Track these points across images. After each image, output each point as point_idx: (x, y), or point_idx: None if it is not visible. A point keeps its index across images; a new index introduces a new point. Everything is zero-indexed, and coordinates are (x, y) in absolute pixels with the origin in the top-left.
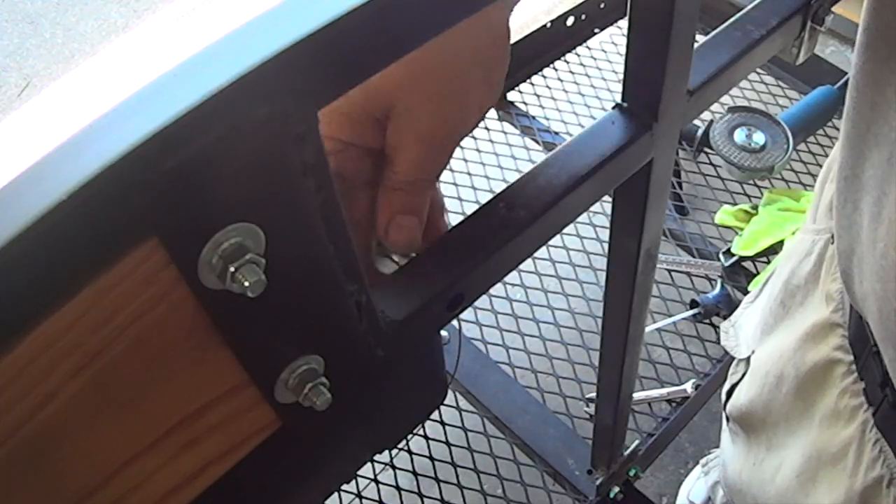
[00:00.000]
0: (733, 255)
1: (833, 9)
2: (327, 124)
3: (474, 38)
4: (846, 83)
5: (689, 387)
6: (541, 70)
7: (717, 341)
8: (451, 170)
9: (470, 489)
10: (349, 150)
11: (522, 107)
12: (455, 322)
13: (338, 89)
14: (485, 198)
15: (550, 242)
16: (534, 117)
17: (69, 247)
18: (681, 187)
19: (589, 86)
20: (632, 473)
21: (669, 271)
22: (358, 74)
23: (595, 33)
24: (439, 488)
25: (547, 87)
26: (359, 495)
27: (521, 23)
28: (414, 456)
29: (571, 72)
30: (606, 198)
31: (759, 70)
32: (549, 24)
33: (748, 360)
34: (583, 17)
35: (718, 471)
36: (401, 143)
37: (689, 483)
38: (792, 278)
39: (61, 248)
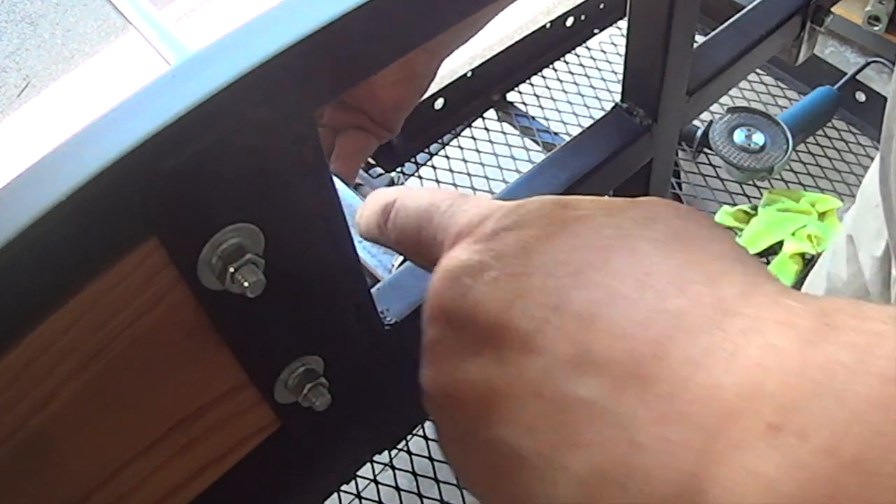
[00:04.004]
0: None
1: (833, 9)
2: None
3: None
4: (845, 84)
5: None
6: (540, 70)
7: None
8: (450, 170)
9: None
10: (324, 131)
11: (522, 107)
12: None
13: (337, 89)
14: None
15: None
16: (533, 118)
17: (69, 247)
18: (680, 188)
19: (589, 86)
20: None
21: None
22: (357, 74)
23: (595, 34)
24: (439, 489)
25: (546, 87)
26: (358, 496)
27: (521, 23)
28: (413, 456)
29: (571, 72)
30: None
31: (758, 70)
32: (548, 25)
33: None
34: (582, 17)
35: None
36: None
37: None
38: None
39: (61, 248)
